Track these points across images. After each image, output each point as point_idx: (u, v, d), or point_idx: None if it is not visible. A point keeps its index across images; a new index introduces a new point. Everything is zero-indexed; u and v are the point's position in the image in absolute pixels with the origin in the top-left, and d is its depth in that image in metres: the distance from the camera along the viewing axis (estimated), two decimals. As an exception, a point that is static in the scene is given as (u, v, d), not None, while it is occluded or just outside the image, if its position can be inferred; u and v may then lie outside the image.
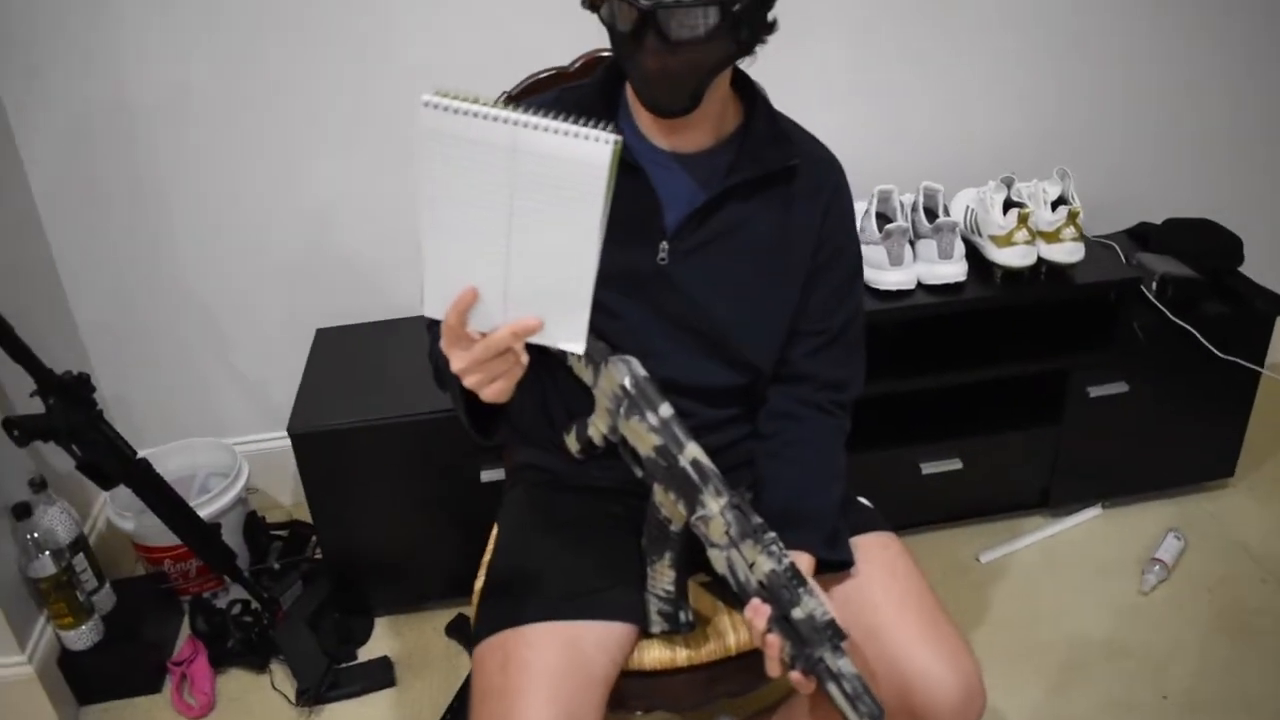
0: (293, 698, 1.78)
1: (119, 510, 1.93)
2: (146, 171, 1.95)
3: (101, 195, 1.96)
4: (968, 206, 1.91)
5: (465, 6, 1.88)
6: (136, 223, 2.00)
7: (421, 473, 1.82)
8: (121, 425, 1.80)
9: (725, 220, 1.18)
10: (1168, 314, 1.87)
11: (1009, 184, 1.87)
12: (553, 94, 1.23)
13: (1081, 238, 1.80)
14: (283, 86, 1.91)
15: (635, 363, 1.14)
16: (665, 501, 1.12)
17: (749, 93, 1.20)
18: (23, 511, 1.68)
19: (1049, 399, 1.94)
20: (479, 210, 0.86)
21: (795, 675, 1.02)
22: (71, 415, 1.65)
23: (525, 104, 0.84)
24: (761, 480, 1.23)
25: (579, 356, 1.19)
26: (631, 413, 1.12)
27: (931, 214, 1.85)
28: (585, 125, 0.81)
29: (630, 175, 1.15)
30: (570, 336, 0.93)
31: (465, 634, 1.88)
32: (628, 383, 1.12)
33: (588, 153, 0.81)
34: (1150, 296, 1.91)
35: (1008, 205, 1.82)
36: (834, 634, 1.00)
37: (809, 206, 1.20)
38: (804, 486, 1.19)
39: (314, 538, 2.09)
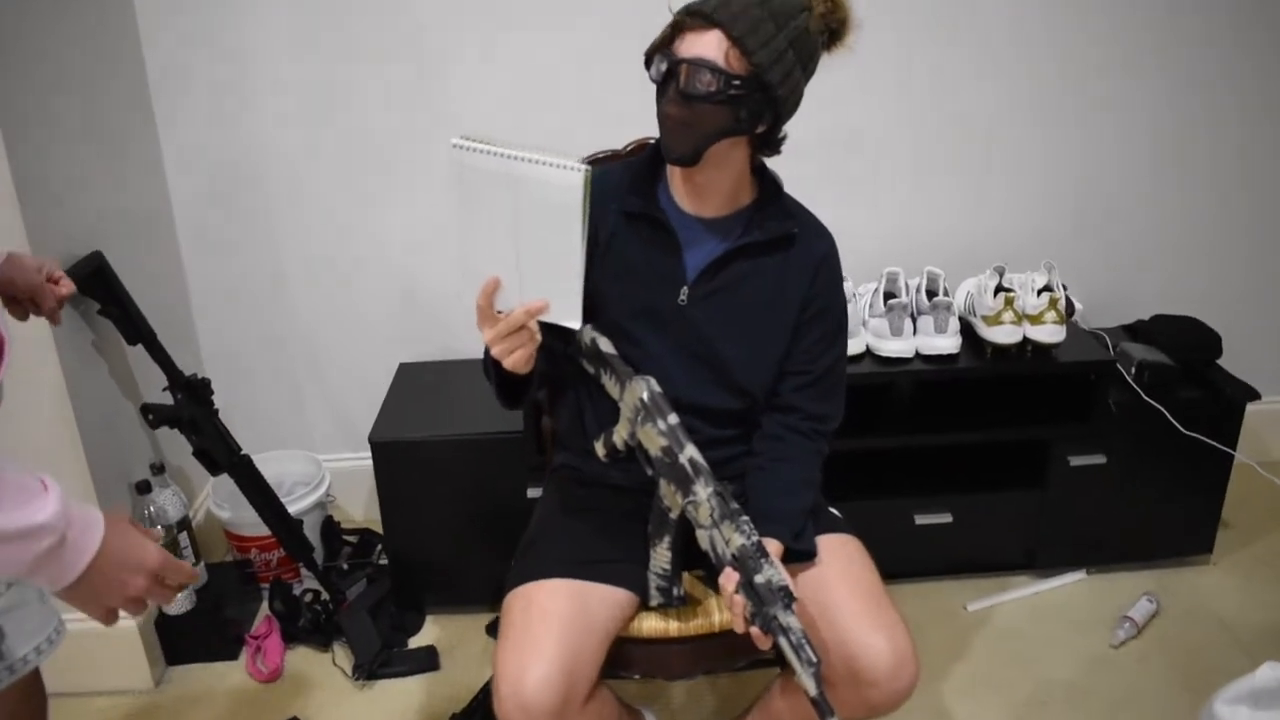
0: (349, 672, 2.06)
1: (218, 501, 2.26)
2: (268, 219, 2.33)
3: (231, 237, 2.33)
4: (968, 292, 2.17)
5: (541, 89, 2.23)
6: (257, 263, 2.36)
7: (476, 488, 2.10)
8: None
9: (734, 274, 1.46)
10: (1141, 394, 2.09)
11: (1001, 273, 2.14)
12: (617, 165, 1.55)
13: (1063, 321, 2.05)
14: (386, 152, 2.27)
15: (653, 381, 1.43)
16: (667, 493, 1.40)
17: (765, 180, 1.50)
18: (144, 488, 2.01)
19: (1034, 465, 2.17)
20: (495, 221, 1.17)
21: (755, 630, 1.27)
22: (194, 409, 1.99)
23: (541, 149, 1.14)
24: (750, 487, 1.49)
25: (612, 378, 1.48)
26: (646, 420, 1.40)
27: (933, 295, 2.12)
28: (567, 159, 1.11)
29: (662, 232, 1.46)
30: (568, 317, 1.22)
31: (502, 633, 2.14)
32: (645, 396, 1.41)
33: (565, 179, 1.10)
34: (1129, 379, 2.14)
35: (999, 291, 2.08)
36: (786, 596, 1.25)
37: (801, 270, 1.48)
38: (780, 491, 1.46)
39: (379, 546, 2.39)
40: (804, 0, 1.35)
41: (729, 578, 1.30)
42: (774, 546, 1.38)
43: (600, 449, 1.52)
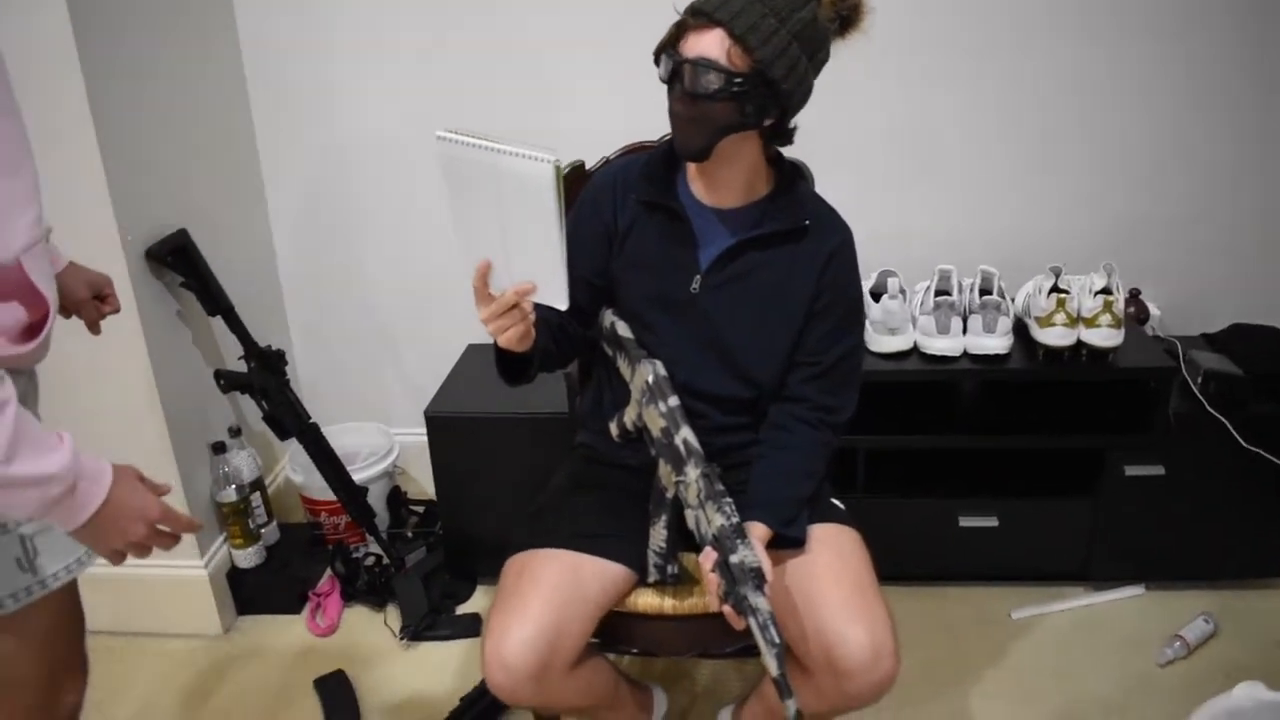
0: (397, 632, 2.17)
1: (294, 467, 2.41)
2: (353, 204, 2.47)
3: (320, 220, 2.48)
4: (1026, 293, 2.13)
5: (602, 91, 2.30)
6: (344, 245, 2.51)
7: (527, 464, 2.16)
8: (310, 404, 2.26)
9: (746, 264, 1.49)
10: (1205, 404, 2.01)
11: (1057, 273, 2.08)
12: (643, 155, 1.60)
13: (1119, 325, 1.98)
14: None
15: (660, 365, 1.48)
16: (665, 473, 1.45)
17: (782, 171, 1.52)
18: (219, 448, 2.17)
19: (1087, 473, 2.11)
20: (482, 208, 1.23)
21: (727, 609, 1.30)
22: (265, 378, 2.14)
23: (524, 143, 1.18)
24: (752, 473, 1.51)
25: (626, 360, 1.54)
26: (650, 402, 1.46)
27: (986, 294, 2.08)
28: (539, 150, 1.14)
29: (677, 222, 1.50)
30: (555, 298, 1.27)
31: (544, 607, 2.22)
32: (650, 379, 1.47)
33: (537, 169, 1.15)
34: (1194, 388, 2.05)
35: (1054, 291, 2.03)
36: (757, 578, 1.28)
37: (812, 262, 1.49)
38: (777, 478, 1.48)
39: (443, 516, 2.50)
40: None
41: (707, 556, 1.34)
42: (760, 531, 1.40)
43: (614, 429, 1.57)
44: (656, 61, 1.39)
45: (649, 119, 1.78)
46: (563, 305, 1.28)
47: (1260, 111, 2.23)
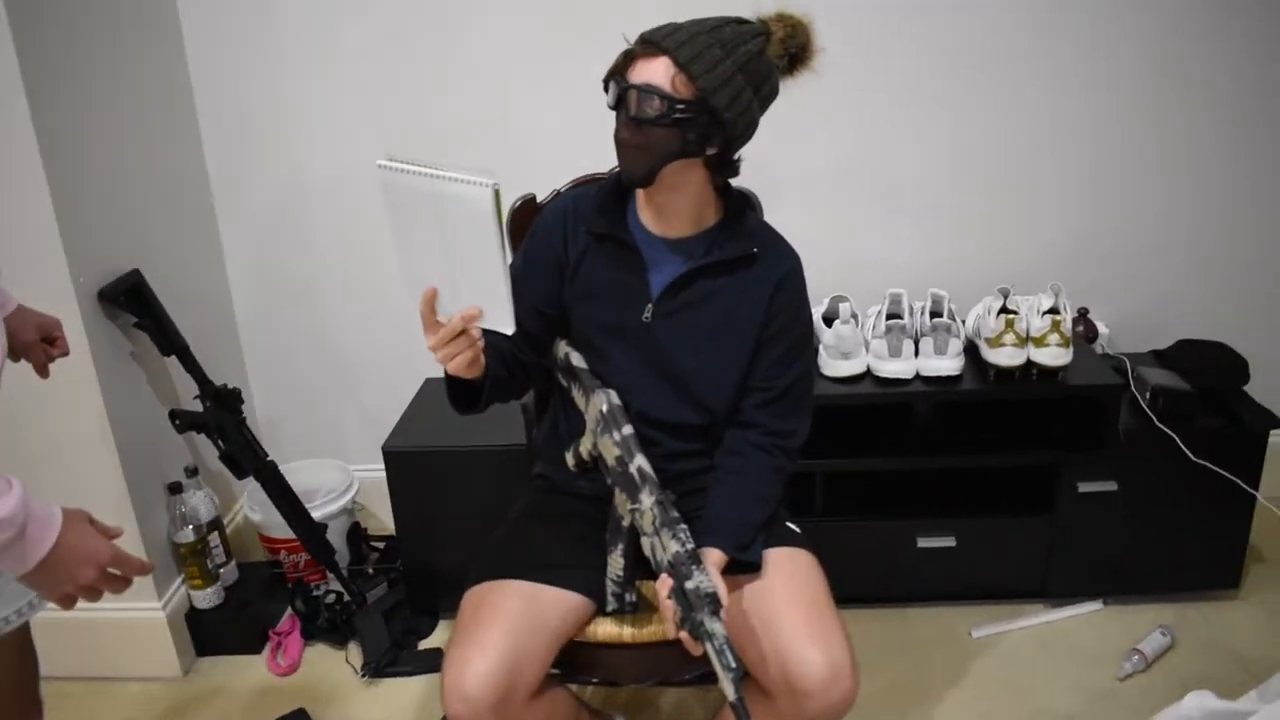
0: (359, 669, 2.15)
1: (252, 505, 2.39)
2: (307, 241, 2.46)
3: (275, 258, 2.48)
4: (976, 314, 2.16)
5: (553, 125, 2.33)
6: (297, 282, 2.50)
7: (487, 497, 2.16)
8: (269, 442, 2.25)
9: (696, 292, 1.51)
10: (1154, 420, 2.05)
11: (1005, 294, 2.13)
12: (592, 188, 1.62)
13: (1067, 344, 2.02)
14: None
15: (613, 394, 1.49)
16: (621, 501, 1.46)
17: (730, 201, 1.55)
18: (175, 488, 2.15)
19: (1042, 491, 2.14)
20: (425, 235, 1.23)
21: (684, 634, 1.30)
22: (221, 416, 2.12)
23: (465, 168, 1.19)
24: (707, 498, 1.52)
25: (580, 390, 1.55)
26: (605, 431, 1.47)
27: (937, 316, 2.12)
28: (478, 175, 1.15)
29: (628, 252, 1.52)
30: (500, 322, 1.26)
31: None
32: (605, 408, 1.48)
33: (475, 194, 1.15)
34: (1143, 404, 2.09)
35: (1002, 312, 2.07)
36: (713, 603, 1.29)
37: (762, 288, 1.51)
38: (731, 504, 1.49)
39: (405, 552, 2.48)
40: (759, 26, 1.40)
41: (663, 583, 1.34)
42: (716, 556, 1.41)
43: (570, 459, 1.58)
44: (606, 88, 1.42)
45: (599, 152, 1.81)
46: (508, 329, 1.28)
47: (1202, 135, 2.30)
